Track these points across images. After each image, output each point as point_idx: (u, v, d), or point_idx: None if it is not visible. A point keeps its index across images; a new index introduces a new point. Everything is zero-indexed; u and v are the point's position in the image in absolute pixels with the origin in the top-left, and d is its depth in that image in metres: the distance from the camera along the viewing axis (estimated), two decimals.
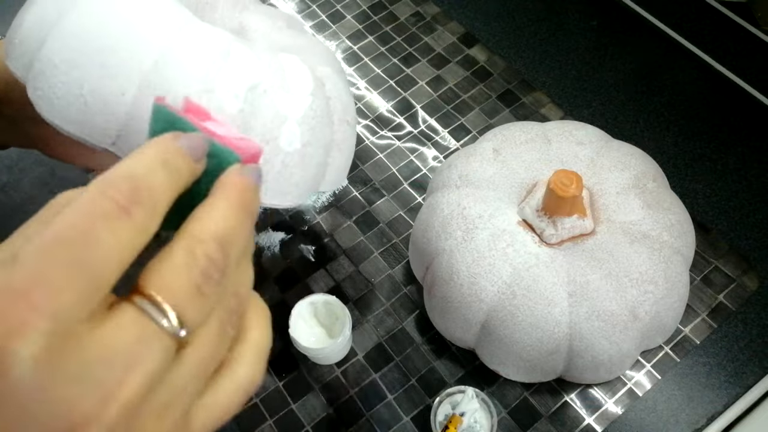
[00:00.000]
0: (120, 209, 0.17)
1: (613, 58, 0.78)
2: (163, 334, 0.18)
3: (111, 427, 0.16)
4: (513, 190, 0.55)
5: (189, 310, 0.18)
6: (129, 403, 0.17)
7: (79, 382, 0.16)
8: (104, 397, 0.16)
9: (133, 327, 0.17)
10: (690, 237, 0.54)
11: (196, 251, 0.19)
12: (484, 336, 0.53)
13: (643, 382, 0.57)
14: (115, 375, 0.17)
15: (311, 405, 0.58)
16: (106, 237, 0.17)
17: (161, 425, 0.18)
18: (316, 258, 0.65)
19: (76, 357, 0.16)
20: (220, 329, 0.20)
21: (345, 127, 0.52)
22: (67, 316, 0.16)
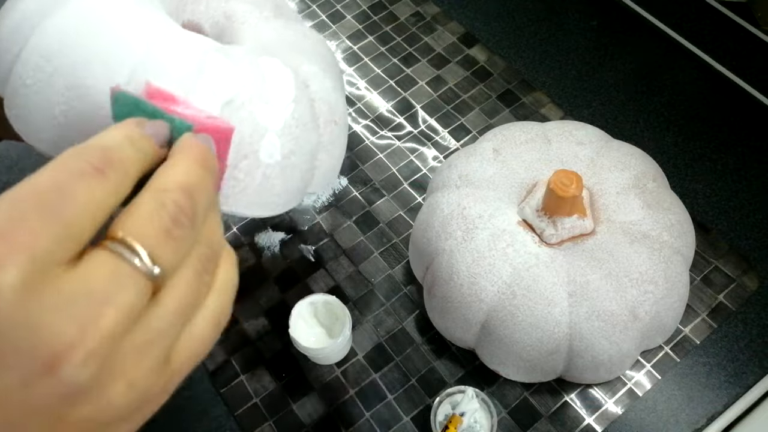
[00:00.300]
0: (94, 169, 0.18)
1: (613, 58, 0.78)
2: (137, 273, 0.18)
3: (91, 355, 0.17)
4: (513, 190, 0.55)
5: (160, 251, 0.19)
6: (108, 333, 0.17)
7: (59, 313, 0.17)
8: (84, 326, 0.17)
9: (107, 266, 0.18)
10: (690, 237, 0.54)
11: (163, 199, 0.19)
12: (484, 336, 0.53)
13: (643, 382, 0.57)
14: (93, 307, 0.17)
15: (311, 405, 0.58)
16: (81, 191, 0.18)
17: (141, 363, 0.18)
18: (316, 258, 0.65)
19: (54, 291, 0.17)
20: (195, 276, 0.20)
21: (332, 127, 0.51)
22: (43, 257, 0.17)
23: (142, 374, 0.19)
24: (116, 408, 0.18)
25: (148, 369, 0.19)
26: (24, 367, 0.17)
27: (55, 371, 0.17)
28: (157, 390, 0.19)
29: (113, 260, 0.18)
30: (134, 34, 0.40)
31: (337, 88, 0.53)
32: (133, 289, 0.18)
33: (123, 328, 0.18)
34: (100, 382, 0.18)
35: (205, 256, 0.21)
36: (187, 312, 0.20)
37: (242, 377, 0.59)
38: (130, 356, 0.18)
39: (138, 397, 0.19)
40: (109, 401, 0.18)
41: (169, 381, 0.20)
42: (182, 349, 0.20)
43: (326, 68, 0.53)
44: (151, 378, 0.19)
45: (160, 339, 0.19)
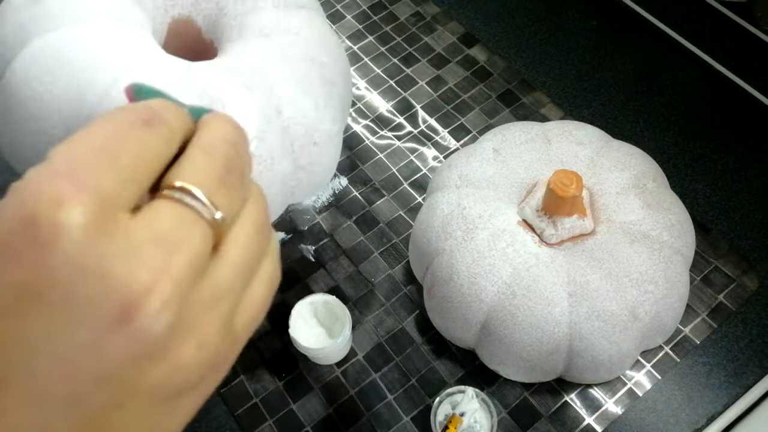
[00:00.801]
0: (144, 121, 0.18)
1: (613, 58, 0.78)
2: (199, 218, 0.18)
3: (167, 303, 0.16)
4: (513, 190, 0.55)
5: (217, 197, 0.18)
6: (180, 280, 0.16)
7: (130, 259, 0.16)
8: (156, 272, 0.16)
9: (171, 212, 0.17)
10: (690, 237, 0.54)
11: (212, 151, 0.19)
12: (484, 336, 0.53)
13: (643, 382, 0.57)
14: (163, 253, 0.16)
15: (311, 405, 0.58)
16: (135, 138, 0.18)
17: (211, 320, 0.18)
18: (316, 258, 0.65)
19: (123, 236, 0.16)
20: (255, 232, 0.20)
21: (311, 149, 0.50)
22: (109, 198, 0.16)
23: (212, 333, 0.18)
24: (187, 370, 0.17)
25: (216, 328, 0.18)
26: (96, 319, 0.16)
27: (130, 321, 0.16)
28: (222, 355, 0.19)
29: (175, 206, 0.18)
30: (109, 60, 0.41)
31: (321, 104, 0.51)
32: (198, 234, 0.17)
33: (192, 277, 0.17)
34: (174, 337, 0.17)
35: (258, 214, 0.20)
36: (248, 269, 0.20)
37: (242, 377, 0.59)
38: (200, 312, 0.17)
39: (207, 360, 0.18)
40: (182, 361, 0.17)
41: (232, 347, 0.19)
42: (243, 312, 0.20)
43: (307, 85, 0.51)
44: (219, 339, 0.18)
45: (227, 296, 0.18)
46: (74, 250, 0.15)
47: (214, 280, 0.18)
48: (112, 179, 0.17)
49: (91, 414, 0.17)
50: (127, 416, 0.17)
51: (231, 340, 0.19)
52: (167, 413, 0.18)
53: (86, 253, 0.16)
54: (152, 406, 0.18)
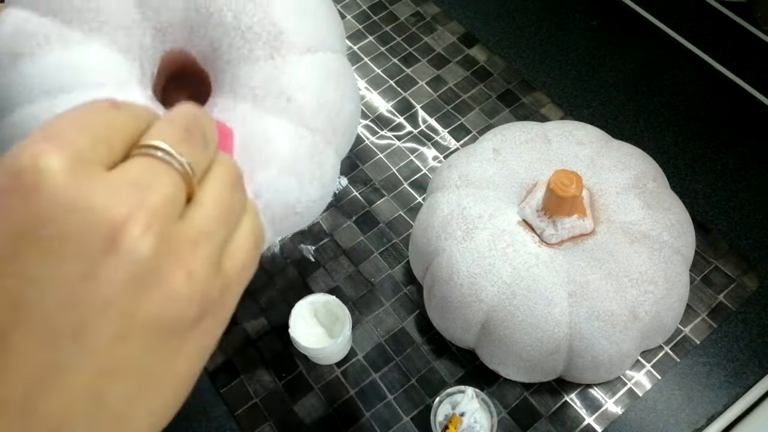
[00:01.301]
0: (111, 104, 0.20)
1: (613, 58, 0.78)
2: (168, 166, 0.19)
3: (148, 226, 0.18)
4: (513, 190, 0.55)
5: (182, 148, 0.20)
6: (155, 211, 0.18)
7: (109, 195, 0.18)
8: (134, 204, 0.18)
9: (141, 163, 0.19)
10: (690, 237, 0.54)
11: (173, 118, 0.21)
12: (484, 336, 0.53)
13: (643, 382, 0.57)
14: (137, 191, 0.18)
15: (311, 405, 0.58)
16: (105, 113, 0.20)
17: (196, 252, 0.19)
18: (316, 258, 0.65)
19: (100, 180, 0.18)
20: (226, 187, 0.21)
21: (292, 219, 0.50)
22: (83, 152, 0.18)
23: (199, 266, 0.19)
24: (180, 300, 0.19)
25: (203, 262, 0.19)
26: (86, 249, 0.17)
27: (116, 246, 0.17)
28: (215, 295, 0.20)
29: (144, 158, 0.19)
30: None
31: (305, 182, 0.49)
32: (168, 178, 0.19)
33: (168, 213, 0.19)
34: (161, 265, 0.18)
35: (230, 174, 0.22)
36: (226, 217, 0.21)
37: (242, 377, 0.59)
38: (184, 245, 0.19)
39: (198, 291, 0.19)
40: (173, 289, 0.18)
41: (225, 289, 0.21)
42: (231, 257, 0.21)
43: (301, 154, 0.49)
44: (208, 275, 0.20)
45: (208, 236, 0.20)
46: (57, 190, 0.17)
47: (193, 221, 0.20)
48: (84, 140, 0.18)
49: (98, 348, 0.18)
50: (134, 351, 0.18)
51: (221, 282, 0.20)
52: (173, 352, 0.19)
53: (68, 193, 0.17)
54: (156, 340, 0.19)
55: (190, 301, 0.19)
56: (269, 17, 0.49)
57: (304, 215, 0.51)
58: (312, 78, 0.50)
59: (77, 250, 0.17)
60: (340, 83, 0.52)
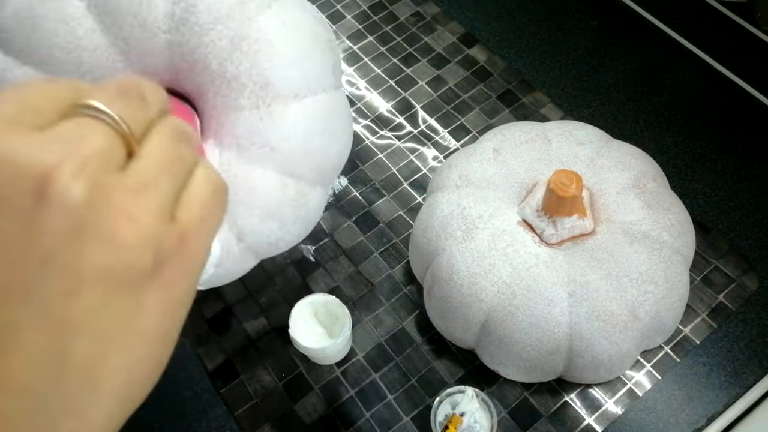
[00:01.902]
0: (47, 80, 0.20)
1: (613, 58, 0.78)
2: (98, 121, 0.19)
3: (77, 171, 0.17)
4: (513, 190, 0.55)
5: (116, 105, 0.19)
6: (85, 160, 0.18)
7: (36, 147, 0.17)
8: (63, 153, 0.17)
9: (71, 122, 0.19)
10: (690, 237, 0.54)
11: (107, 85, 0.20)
12: (484, 336, 0.53)
13: (643, 382, 0.57)
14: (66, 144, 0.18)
15: (311, 405, 0.58)
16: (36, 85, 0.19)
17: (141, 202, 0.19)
18: (316, 258, 0.65)
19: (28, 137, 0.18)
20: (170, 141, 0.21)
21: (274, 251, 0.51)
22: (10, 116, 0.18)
23: (144, 213, 0.19)
24: (127, 248, 0.18)
25: (148, 208, 0.19)
26: (18, 201, 0.17)
27: (46, 193, 0.17)
28: (171, 245, 0.19)
29: (75, 118, 0.19)
30: None
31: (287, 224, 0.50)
32: (100, 133, 0.19)
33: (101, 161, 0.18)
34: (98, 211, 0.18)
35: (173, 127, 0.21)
36: (171, 168, 0.20)
37: (242, 377, 0.59)
38: (124, 194, 0.18)
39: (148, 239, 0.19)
40: (117, 238, 0.18)
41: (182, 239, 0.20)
42: (184, 207, 0.21)
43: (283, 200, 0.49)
44: (156, 221, 0.19)
45: (152, 185, 0.19)
46: None
47: (133, 172, 0.19)
48: (10, 107, 0.18)
49: (49, 302, 0.17)
50: (88, 306, 0.18)
51: (177, 232, 0.20)
52: (134, 306, 0.19)
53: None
54: (111, 293, 0.18)
55: (139, 248, 0.18)
56: (256, 67, 0.47)
57: (286, 248, 0.53)
58: (298, 127, 0.48)
59: (10, 205, 0.17)
60: (328, 126, 0.51)
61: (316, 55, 0.50)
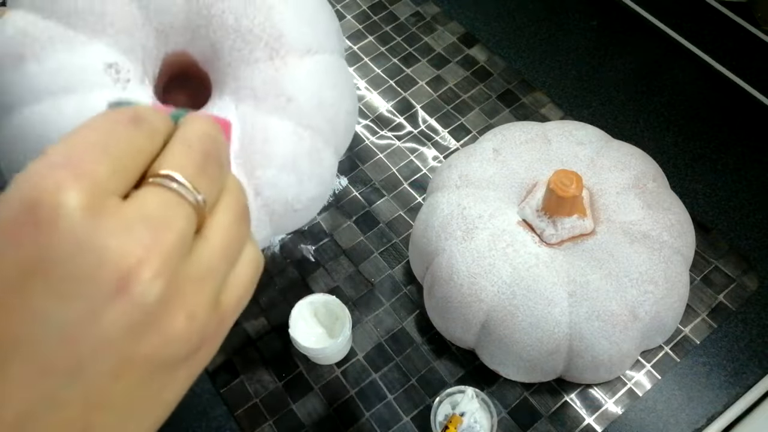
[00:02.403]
0: (130, 119, 0.20)
1: (613, 58, 0.78)
2: (183, 200, 0.19)
3: (159, 272, 0.18)
4: (513, 190, 0.55)
5: (197, 180, 0.20)
6: (168, 254, 0.18)
7: (123, 236, 0.18)
8: (147, 246, 0.18)
9: (157, 196, 0.19)
10: (690, 237, 0.54)
11: (190, 143, 0.21)
12: (484, 336, 0.53)
13: (643, 382, 0.57)
14: (152, 230, 0.18)
15: (311, 405, 0.58)
16: (124, 133, 0.19)
17: (199, 294, 0.19)
18: (316, 258, 0.65)
19: (115, 216, 0.18)
20: (235, 219, 0.22)
21: (291, 215, 0.51)
22: (101, 183, 0.18)
23: (200, 307, 0.19)
24: (178, 341, 0.19)
25: (204, 302, 0.20)
26: (94, 290, 0.17)
27: (126, 290, 0.17)
28: (211, 331, 0.20)
29: (160, 190, 0.19)
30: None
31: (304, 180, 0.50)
32: (183, 214, 0.19)
33: (179, 253, 0.19)
34: (165, 308, 0.18)
35: (238, 204, 0.22)
36: (231, 251, 0.21)
37: (242, 377, 0.59)
38: (188, 287, 0.19)
39: (196, 332, 0.19)
40: (173, 332, 0.18)
41: (220, 324, 0.21)
42: (229, 291, 0.21)
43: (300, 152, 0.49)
44: (207, 313, 0.20)
45: (213, 273, 0.20)
46: (72, 228, 0.17)
47: (200, 258, 0.20)
48: (104, 168, 0.18)
49: (92, 384, 0.18)
50: (126, 387, 0.18)
51: (218, 317, 0.21)
52: (163, 385, 0.20)
53: (83, 231, 0.17)
54: (149, 377, 0.19)
55: (187, 341, 0.19)
56: (270, 20, 0.49)
57: (303, 213, 0.52)
58: (311, 79, 0.50)
59: (84, 292, 0.17)
60: (338, 84, 0.53)
61: (325, 15, 0.53)
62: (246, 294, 0.22)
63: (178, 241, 0.19)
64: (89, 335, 0.17)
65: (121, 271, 0.17)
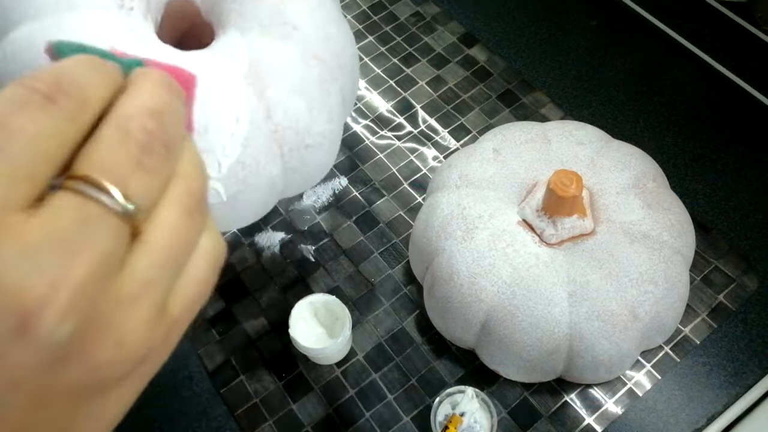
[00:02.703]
0: (43, 97, 0.16)
1: (613, 58, 0.78)
2: (107, 213, 0.16)
3: (68, 311, 0.15)
4: (513, 190, 0.55)
5: (132, 185, 0.16)
6: (83, 285, 0.15)
7: (25, 267, 0.14)
8: (53, 282, 0.15)
9: (72, 209, 0.15)
10: (690, 237, 0.54)
11: (128, 126, 0.17)
12: (484, 336, 0.53)
13: (643, 382, 0.57)
14: (62, 258, 0.15)
15: (311, 405, 0.58)
16: (27, 123, 0.16)
17: (131, 317, 0.16)
18: (316, 258, 0.65)
19: (14, 245, 0.15)
20: (184, 214, 0.18)
21: (302, 152, 0.49)
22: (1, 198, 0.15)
23: (133, 329, 0.16)
24: (107, 368, 0.16)
25: (139, 323, 0.17)
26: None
27: (29, 333, 0.14)
28: (155, 344, 0.17)
29: (78, 201, 0.16)
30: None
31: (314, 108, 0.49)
32: (105, 232, 0.16)
33: (100, 278, 0.16)
34: (83, 341, 0.16)
35: (191, 190, 0.18)
36: (178, 254, 0.18)
37: (242, 377, 0.59)
38: (116, 310, 0.16)
39: (132, 354, 0.17)
40: (98, 362, 0.16)
41: (169, 332, 0.18)
42: (179, 295, 0.18)
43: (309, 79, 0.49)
44: (145, 332, 0.17)
45: (152, 286, 0.17)
46: None
47: (135, 272, 0.17)
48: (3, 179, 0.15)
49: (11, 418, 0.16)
50: (54, 414, 0.17)
51: (164, 328, 0.18)
52: (101, 404, 0.18)
53: None
54: (78, 402, 0.17)
55: (121, 364, 0.17)
56: None
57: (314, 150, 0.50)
58: (316, 12, 0.51)
59: None
60: (341, 25, 0.53)
61: None
62: (202, 292, 0.19)
63: (97, 266, 0.15)
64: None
65: (21, 314, 0.14)
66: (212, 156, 0.43)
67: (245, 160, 0.45)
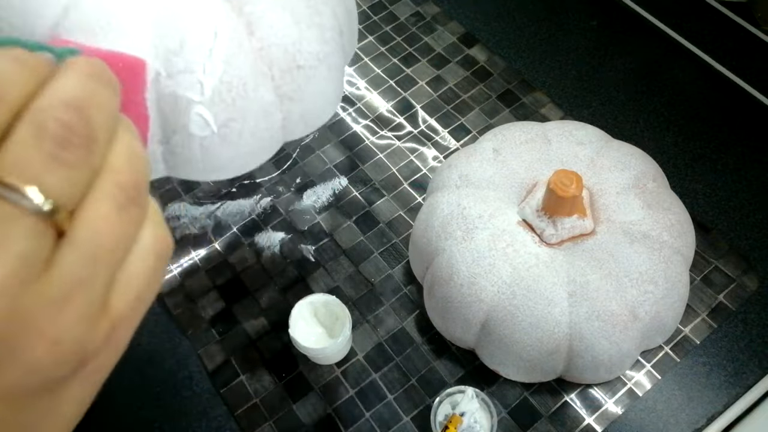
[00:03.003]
0: None
1: (613, 58, 0.78)
2: (22, 213, 0.15)
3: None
4: (513, 190, 0.55)
5: (48, 181, 0.16)
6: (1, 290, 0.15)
7: None
8: None
9: None
10: (690, 237, 0.54)
11: (42, 120, 0.16)
12: (484, 336, 0.53)
13: (643, 382, 0.57)
14: None
15: (311, 405, 0.58)
16: None
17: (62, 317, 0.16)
18: (316, 258, 0.65)
19: None
20: (115, 208, 0.17)
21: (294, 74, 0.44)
22: None
23: (68, 327, 0.16)
24: (46, 369, 0.16)
25: (74, 321, 0.16)
26: None
27: None
28: (98, 342, 0.17)
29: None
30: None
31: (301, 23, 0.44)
32: (21, 234, 0.15)
33: (20, 280, 0.15)
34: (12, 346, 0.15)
35: (122, 183, 0.17)
36: (112, 251, 0.17)
37: (242, 377, 0.59)
38: (47, 310, 0.16)
39: (70, 353, 0.16)
40: (33, 363, 0.16)
41: (114, 328, 0.18)
42: (122, 292, 0.18)
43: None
44: (82, 330, 0.16)
45: (82, 285, 0.16)
46: None
47: (62, 271, 0.16)
48: None
49: None
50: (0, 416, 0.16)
51: (109, 323, 0.17)
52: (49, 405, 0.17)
53: None
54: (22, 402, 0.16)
55: (59, 364, 0.16)
56: None
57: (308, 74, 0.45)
58: None
59: None
60: None
61: None
62: (148, 287, 0.19)
63: (14, 270, 0.15)
64: None
65: None
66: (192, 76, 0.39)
67: (230, 80, 0.41)
